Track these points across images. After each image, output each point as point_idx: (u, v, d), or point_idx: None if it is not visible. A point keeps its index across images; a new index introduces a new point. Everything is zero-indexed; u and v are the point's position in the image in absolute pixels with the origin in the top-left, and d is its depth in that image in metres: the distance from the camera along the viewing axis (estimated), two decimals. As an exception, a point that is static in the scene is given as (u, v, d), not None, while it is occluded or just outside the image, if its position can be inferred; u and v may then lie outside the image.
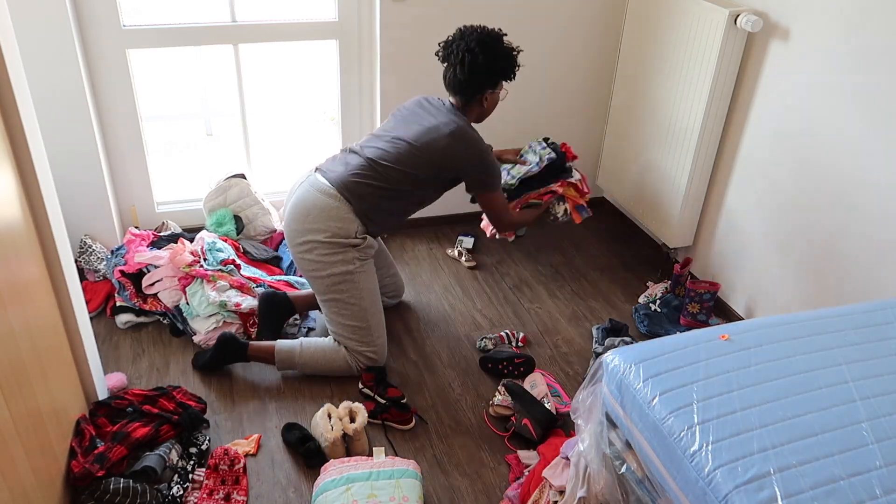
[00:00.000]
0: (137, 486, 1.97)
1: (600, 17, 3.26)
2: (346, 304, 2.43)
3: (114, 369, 2.54)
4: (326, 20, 3.07)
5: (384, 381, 2.46)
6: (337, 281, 2.40)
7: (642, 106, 3.17)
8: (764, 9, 2.57)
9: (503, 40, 2.44)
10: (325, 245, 2.37)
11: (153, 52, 3.05)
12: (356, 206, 2.38)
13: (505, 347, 2.73)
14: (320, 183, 2.42)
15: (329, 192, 2.38)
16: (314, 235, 2.38)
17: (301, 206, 2.42)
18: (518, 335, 2.79)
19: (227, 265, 2.79)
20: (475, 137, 2.46)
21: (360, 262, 2.42)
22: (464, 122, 2.46)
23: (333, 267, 2.38)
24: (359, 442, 2.26)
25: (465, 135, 2.43)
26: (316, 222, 2.38)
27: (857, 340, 1.76)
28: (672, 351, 1.70)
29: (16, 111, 1.77)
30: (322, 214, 2.37)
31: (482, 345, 2.73)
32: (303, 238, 2.40)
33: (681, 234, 3.06)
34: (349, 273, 2.39)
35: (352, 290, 2.41)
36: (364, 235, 2.42)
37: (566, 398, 2.50)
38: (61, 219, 2.04)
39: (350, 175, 2.40)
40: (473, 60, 2.38)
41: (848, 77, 2.29)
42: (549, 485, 1.96)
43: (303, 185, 2.47)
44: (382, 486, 2.05)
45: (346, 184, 2.39)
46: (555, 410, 2.37)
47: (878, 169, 2.23)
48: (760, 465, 1.41)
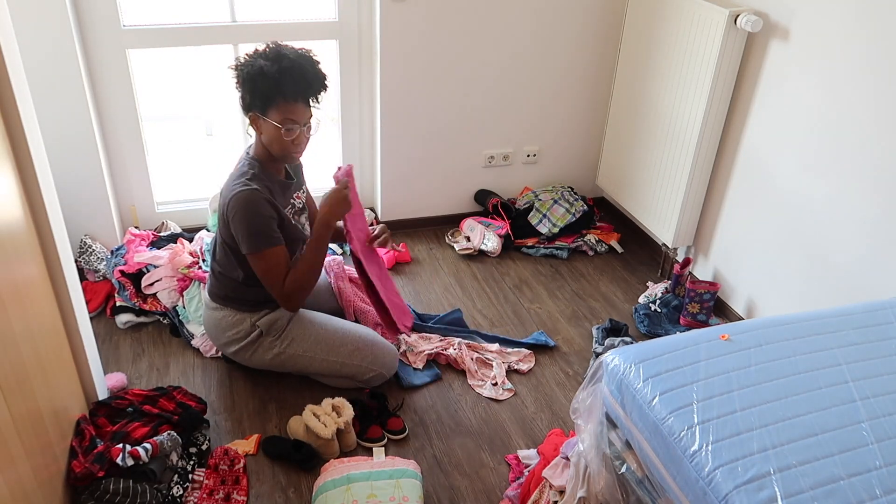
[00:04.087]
0: (137, 486, 1.97)
1: (600, 17, 3.26)
2: (306, 367, 2.41)
3: (114, 369, 2.54)
4: (326, 20, 3.07)
5: (387, 410, 2.38)
6: (280, 362, 2.40)
7: (642, 106, 3.17)
8: (764, 9, 2.57)
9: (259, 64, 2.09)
10: (242, 350, 2.39)
11: (153, 52, 3.05)
12: (229, 305, 2.36)
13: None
14: (206, 298, 2.45)
15: (211, 305, 2.41)
16: (229, 347, 2.41)
17: (206, 328, 2.47)
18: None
19: None
20: (240, 199, 2.15)
21: (280, 341, 2.37)
22: (244, 173, 2.19)
23: (264, 357, 2.39)
24: (349, 434, 2.27)
25: (234, 199, 2.16)
26: (219, 338, 2.42)
27: (857, 340, 1.76)
28: (672, 351, 1.70)
29: (16, 111, 1.77)
30: (217, 329, 2.41)
31: None
32: (228, 351, 2.44)
33: (681, 234, 3.06)
34: (279, 354, 2.38)
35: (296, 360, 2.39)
36: (258, 324, 2.35)
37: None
38: (61, 219, 2.03)
39: (212, 281, 2.41)
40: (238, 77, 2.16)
41: (848, 77, 2.29)
42: (549, 485, 1.96)
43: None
44: (382, 486, 2.05)
45: (212, 290, 2.40)
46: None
47: (879, 168, 2.23)
48: (760, 465, 1.41)
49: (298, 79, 2.11)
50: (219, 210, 2.26)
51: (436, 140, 3.33)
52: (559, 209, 3.42)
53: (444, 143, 3.35)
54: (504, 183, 3.57)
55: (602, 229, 3.51)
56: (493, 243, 3.30)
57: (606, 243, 3.42)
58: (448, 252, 3.35)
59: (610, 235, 3.47)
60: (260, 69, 2.08)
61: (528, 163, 3.55)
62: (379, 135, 3.25)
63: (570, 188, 3.57)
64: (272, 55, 2.11)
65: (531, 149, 3.52)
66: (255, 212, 2.16)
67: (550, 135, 3.52)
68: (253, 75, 2.10)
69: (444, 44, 3.11)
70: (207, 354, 2.63)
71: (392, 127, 3.23)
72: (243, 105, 2.19)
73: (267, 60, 2.09)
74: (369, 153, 3.39)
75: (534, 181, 3.61)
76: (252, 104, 2.15)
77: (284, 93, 2.10)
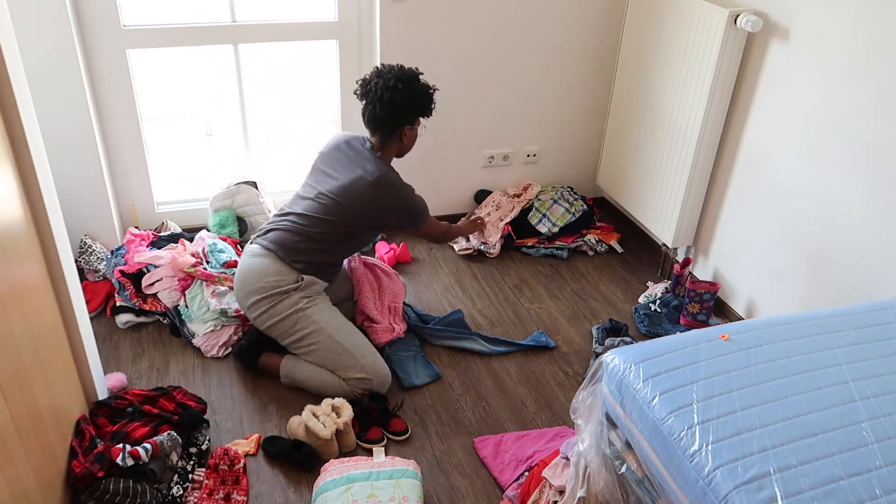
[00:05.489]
0: (137, 486, 1.97)
1: (600, 17, 3.26)
2: (310, 336, 2.43)
3: (114, 369, 2.54)
4: (326, 20, 3.07)
5: (388, 411, 2.39)
6: (291, 322, 2.43)
7: (642, 106, 3.17)
8: (764, 9, 2.57)
9: (419, 78, 2.50)
10: (268, 299, 2.43)
11: (153, 52, 3.05)
12: (288, 258, 2.44)
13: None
14: (253, 249, 2.50)
15: (260, 252, 2.46)
16: (256, 296, 2.44)
17: (241, 275, 2.49)
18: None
19: (230, 267, 2.80)
20: (396, 183, 2.51)
21: (308, 300, 2.44)
22: (384, 166, 2.50)
23: (281, 311, 2.42)
24: (348, 435, 2.27)
25: (386, 183, 2.48)
26: (254, 283, 2.44)
27: (857, 340, 1.76)
28: (672, 351, 1.70)
29: (16, 111, 1.77)
30: (257, 274, 2.44)
31: None
32: (248, 301, 2.46)
33: (681, 234, 3.06)
34: (299, 310, 2.43)
35: (307, 322, 2.42)
36: (303, 276, 2.45)
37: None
38: (61, 219, 2.03)
39: (281, 234, 2.47)
40: (392, 98, 2.43)
41: (848, 77, 2.29)
42: (549, 485, 1.96)
43: (242, 258, 2.53)
44: (382, 486, 2.05)
45: (276, 240, 2.46)
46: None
47: (879, 168, 2.23)
48: (760, 465, 1.40)
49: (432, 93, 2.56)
50: (354, 187, 2.45)
51: (436, 140, 3.33)
52: (559, 209, 3.42)
53: (443, 143, 3.36)
54: (504, 183, 3.57)
55: (602, 229, 3.51)
56: (492, 243, 3.30)
57: (606, 243, 3.42)
58: (448, 252, 3.35)
59: (610, 235, 3.47)
60: (424, 88, 2.50)
61: (527, 163, 3.55)
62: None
63: (570, 188, 3.57)
64: (410, 73, 2.49)
65: (531, 149, 3.52)
66: (414, 195, 2.57)
67: (550, 135, 3.52)
68: (421, 94, 2.49)
69: (444, 44, 3.11)
70: (208, 354, 2.64)
71: (392, 127, 3.23)
72: (398, 123, 2.50)
73: (422, 81, 2.51)
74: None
75: (534, 181, 3.61)
76: (410, 118, 2.52)
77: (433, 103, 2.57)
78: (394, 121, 2.49)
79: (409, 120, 2.52)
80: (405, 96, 2.45)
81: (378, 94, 2.44)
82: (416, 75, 2.50)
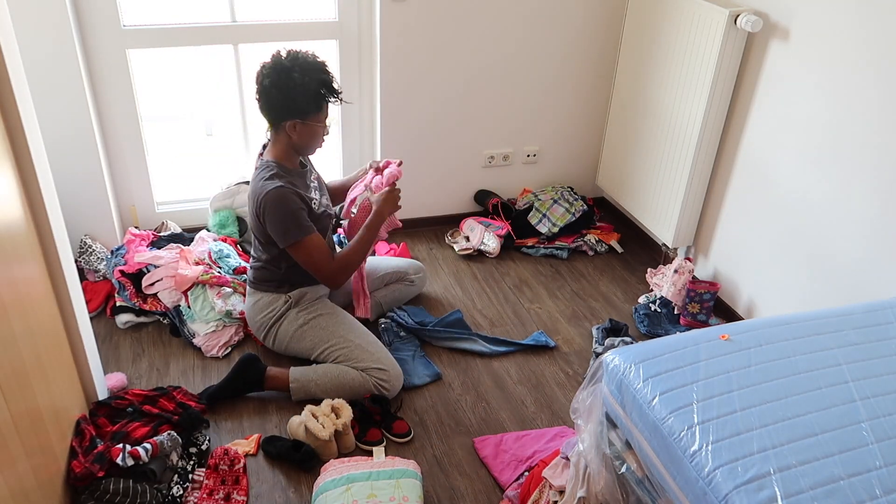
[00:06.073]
0: (137, 486, 1.97)
1: (600, 17, 3.26)
2: (324, 343, 2.47)
3: (114, 369, 2.54)
4: (326, 20, 3.07)
5: (390, 414, 2.38)
6: (301, 336, 2.50)
7: (642, 106, 3.17)
8: (764, 9, 2.57)
9: (294, 77, 2.21)
10: (272, 328, 2.54)
11: (153, 52, 3.05)
12: (267, 286, 2.52)
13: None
14: (248, 290, 2.60)
15: (251, 292, 2.57)
16: (262, 330, 2.56)
17: (248, 318, 2.62)
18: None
19: (240, 273, 2.82)
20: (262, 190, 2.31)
21: (307, 311, 2.52)
22: (264, 172, 2.34)
23: (288, 331, 2.51)
24: (347, 436, 2.27)
25: (255, 191, 2.35)
26: (256, 320, 2.56)
27: (857, 340, 1.76)
28: (672, 351, 1.70)
29: (16, 111, 1.77)
30: (254, 311, 2.56)
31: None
32: (261, 336, 2.59)
33: (681, 234, 3.06)
34: (303, 324, 2.50)
35: (318, 332, 2.49)
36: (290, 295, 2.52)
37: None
38: (61, 219, 2.04)
39: (252, 269, 2.56)
40: (265, 90, 2.26)
41: (848, 77, 2.29)
42: (549, 485, 1.96)
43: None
44: (382, 487, 2.05)
45: (253, 277, 2.56)
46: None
47: (879, 168, 2.23)
48: (760, 465, 1.40)
49: (333, 86, 2.32)
50: (250, 212, 2.42)
51: (435, 140, 3.33)
52: (559, 209, 3.42)
53: (443, 143, 3.36)
54: (504, 183, 3.58)
55: (602, 229, 3.51)
56: (492, 243, 3.30)
57: (606, 243, 3.42)
58: (448, 252, 3.35)
59: (610, 235, 3.47)
60: (298, 83, 2.22)
61: (528, 163, 3.55)
62: (379, 135, 3.25)
63: (570, 188, 3.57)
64: (300, 67, 2.23)
65: (531, 149, 3.52)
66: (286, 207, 2.31)
67: (550, 135, 3.52)
68: (292, 89, 2.23)
69: (444, 44, 3.11)
70: (208, 354, 2.64)
71: (392, 127, 3.23)
72: (277, 117, 2.32)
73: (298, 73, 2.22)
74: (369, 153, 3.39)
75: (534, 181, 3.61)
76: (290, 115, 2.29)
77: (327, 99, 2.33)
78: (272, 114, 2.32)
79: (288, 116, 2.29)
80: (280, 92, 2.24)
81: (258, 81, 2.28)
82: (290, 71, 2.21)
